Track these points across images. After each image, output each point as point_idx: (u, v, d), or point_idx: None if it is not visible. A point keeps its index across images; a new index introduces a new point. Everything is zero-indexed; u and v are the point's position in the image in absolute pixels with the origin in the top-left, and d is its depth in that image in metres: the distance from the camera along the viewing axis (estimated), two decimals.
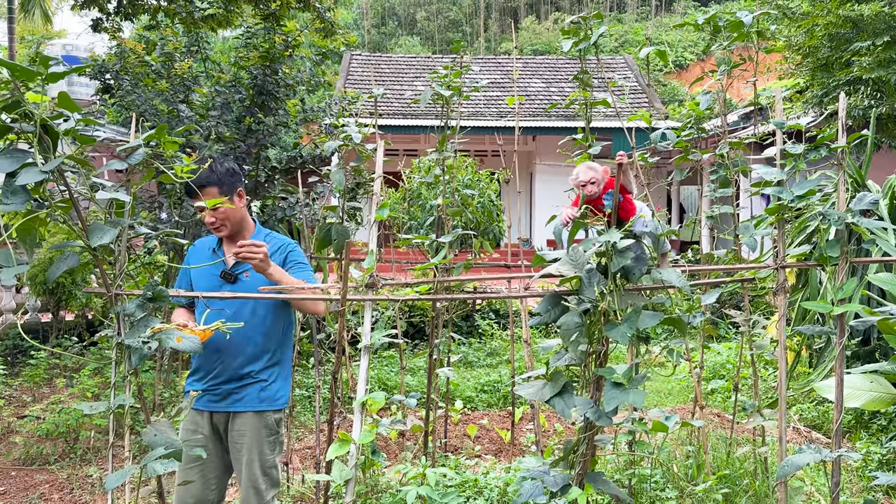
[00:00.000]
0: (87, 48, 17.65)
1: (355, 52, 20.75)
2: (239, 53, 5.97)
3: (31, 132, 2.03)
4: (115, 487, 2.17)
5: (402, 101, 17.88)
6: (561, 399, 2.34)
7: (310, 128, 7.22)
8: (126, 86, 5.76)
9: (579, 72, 3.91)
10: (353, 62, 19.93)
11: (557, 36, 35.11)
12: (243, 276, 2.85)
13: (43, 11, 18.99)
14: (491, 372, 7.02)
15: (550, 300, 2.32)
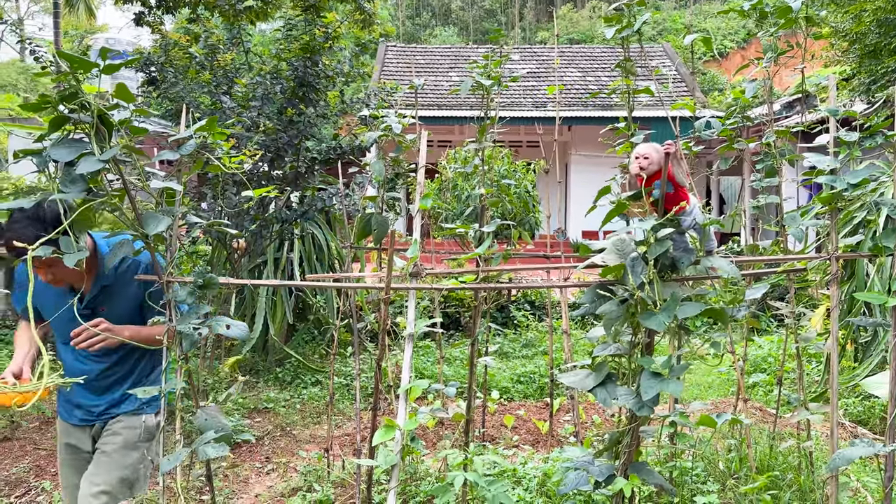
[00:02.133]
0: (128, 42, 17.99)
1: (390, 44, 20.78)
2: (280, 45, 6.03)
3: (89, 122, 2.08)
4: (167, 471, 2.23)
5: (436, 92, 17.87)
6: (603, 389, 2.34)
7: (348, 119, 7.27)
8: (170, 78, 5.87)
9: (622, 60, 3.86)
10: (389, 53, 19.97)
11: (595, 24, 34.71)
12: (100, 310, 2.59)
13: (87, 6, 19.40)
14: (527, 363, 7.01)
15: (595, 291, 2.31)
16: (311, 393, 6.32)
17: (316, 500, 4.01)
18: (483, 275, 2.97)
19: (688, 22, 32.46)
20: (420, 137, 2.94)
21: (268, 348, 7.05)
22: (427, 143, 4.49)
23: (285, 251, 6.99)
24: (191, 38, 6.44)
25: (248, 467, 4.79)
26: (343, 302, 4.65)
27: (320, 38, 5.69)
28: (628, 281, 2.22)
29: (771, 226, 4.60)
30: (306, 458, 4.84)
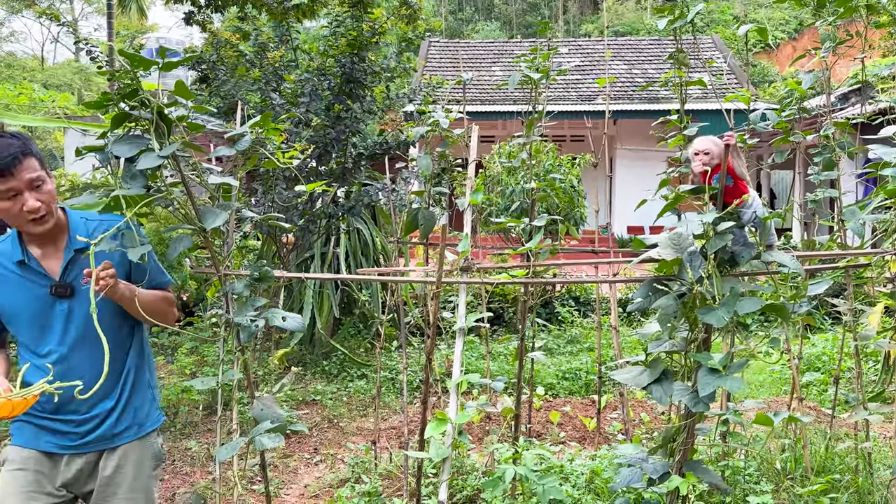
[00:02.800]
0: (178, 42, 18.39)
1: (433, 39, 20.80)
2: (327, 41, 6.08)
3: (149, 119, 2.13)
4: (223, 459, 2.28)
5: (479, 87, 17.82)
6: (659, 386, 2.30)
7: (391, 115, 7.31)
8: (221, 76, 5.98)
9: (674, 51, 3.79)
10: (432, 49, 19.99)
11: (641, 16, 34.17)
12: (80, 283, 2.12)
13: (139, 6, 19.90)
14: (572, 359, 6.96)
15: (649, 286, 2.28)
16: (357, 386, 6.39)
17: (364, 491, 4.05)
18: (532, 270, 2.95)
19: (738, 12, 31.71)
20: (472, 132, 2.93)
21: (314, 341, 7.14)
22: (481, 138, 4.49)
23: (331, 246, 7.06)
24: (241, 37, 6.55)
25: (297, 458, 4.87)
26: (392, 296, 4.68)
27: (367, 34, 5.72)
28: (685, 275, 2.18)
29: (826, 221, 4.47)
30: (354, 449, 4.89)
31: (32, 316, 2.14)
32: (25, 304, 2.14)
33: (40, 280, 2.14)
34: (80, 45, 5.33)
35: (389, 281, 4.31)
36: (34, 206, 2.04)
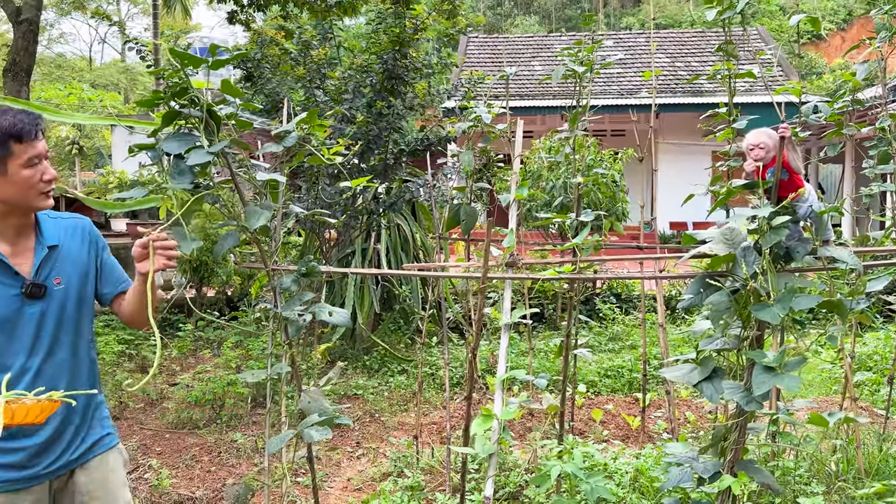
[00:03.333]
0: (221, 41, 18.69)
1: (472, 35, 20.74)
2: (370, 38, 6.12)
3: (198, 117, 2.16)
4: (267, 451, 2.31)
5: (517, 82, 17.72)
6: (710, 384, 2.26)
7: (429, 111, 7.30)
8: (266, 74, 6.07)
9: (722, 42, 3.72)
10: (470, 45, 19.94)
11: (682, 9, 33.58)
12: (53, 283, 1.98)
13: (183, 6, 20.29)
14: (614, 357, 6.89)
15: (701, 282, 2.23)
16: (397, 381, 6.42)
17: (407, 485, 4.07)
18: (577, 265, 2.92)
19: (786, 3, 30.93)
20: (517, 127, 2.91)
21: (356, 336, 7.20)
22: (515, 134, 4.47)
23: (372, 242, 7.11)
24: (285, 35, 6.63)
25: (340, 451, 4.92)
26: (432, 292, 4.69)
27: (410, 30, 5.74)
28: (739, 271, 2.13)
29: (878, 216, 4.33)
30: (395, 444, 4.92)
31: (2, 320, 1.89)
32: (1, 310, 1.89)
33: (11, 279, 1.91)
34: (130, 45, 5.45)
35: (432, 276, 4.31)
36: (54, 174, 1.95)
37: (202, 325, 7.69)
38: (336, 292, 7.12)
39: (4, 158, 1.83)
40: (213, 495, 4.14)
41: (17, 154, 1.83)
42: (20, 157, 1.83)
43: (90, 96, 22.62)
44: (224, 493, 4.08)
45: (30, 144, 1.85)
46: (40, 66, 28.72)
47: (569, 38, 20.16)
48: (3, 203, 1.89)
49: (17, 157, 1.83)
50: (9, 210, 1.91)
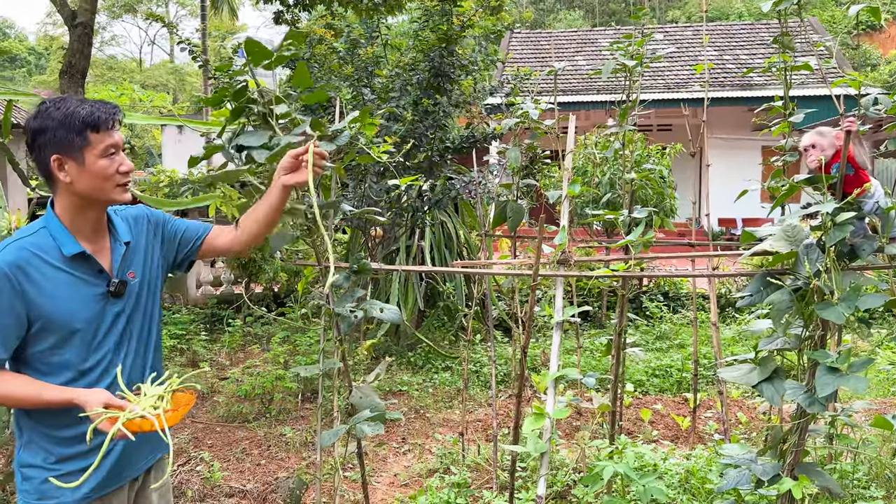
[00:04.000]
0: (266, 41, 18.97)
1: (515, 31, 20.62)
2: (417, 36, 6.13)
3: (262, 113, 2.19)
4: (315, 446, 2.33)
5: (562, 77, 17.55)
6: (770, 384, 2.20)
7: (472, 108, 7.28)
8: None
9: (778, 34, 3.61)
10: (513, 40, 19.83)
11: (730, 1, 32.82)
12: (129, 277, 1.91)
13: (230, 7, 20.65)
14: (662, 356, 6.78)
15: (761, 280, 2.17)
16: (442, 378, 6.43)
17: (453, 482, 4.08)
18: (627, 263, 2.88)
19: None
20: (568, 122, 2.88)
21: (400, 333, 7.24)
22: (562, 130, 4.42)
23: (416, 239, 7.14)
24: (334, 34, 6.69)
25: (387, 447, 4.95)
26: (476, 289, 4.68)
27: (456, 27, 5.73)
28: (801, 269, 2.07)
29: None
30: (441, 440, 4.93)
31: (87, 322, 1.80)
32: (82, 308, 1.80)
33: (95, 278, 1.83)
34: (182, 45, 5.57)
35: (480, 274, 4.30)
36: (131, 165, 1.85)
37: (250, 321, 7.82)
38: (381, 289, 7.17)
39: (81, 148, 1.76)
40: (264, 488, 4.21)
41: (93, 144, 1.77)
42: (97, 146, 1.77)
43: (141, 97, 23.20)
44: (278, 487, 4.14)
45: (107, 134, 1.78)
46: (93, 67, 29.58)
47: (614, 31, 19.88)
48: (80, 196, 1.80)
49: (93, 147, 1.77)
50: (86, 204, 1.82)
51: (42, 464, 1.80)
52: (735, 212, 14.72)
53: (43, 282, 1.75)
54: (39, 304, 1.73)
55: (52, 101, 1.79)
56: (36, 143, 1.77)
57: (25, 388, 1.73)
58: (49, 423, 1.80)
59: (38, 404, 1.74)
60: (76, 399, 1.70)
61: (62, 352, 1.78)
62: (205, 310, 8.60)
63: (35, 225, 1.82)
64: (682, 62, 17.40)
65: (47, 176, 1.80)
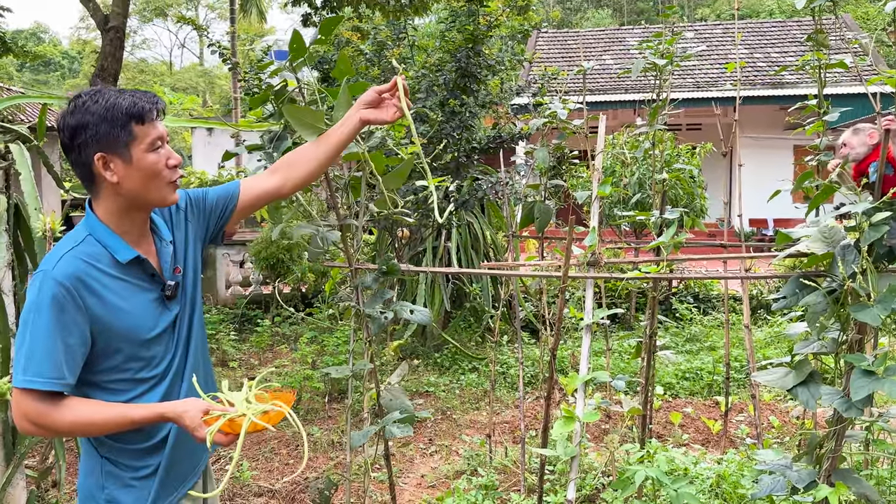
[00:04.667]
0: None
1: (541, 31, 20.54)
2: (443, 36, 6.14)
3: None
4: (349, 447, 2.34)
5: (589, 77, 17.44)
6: (805, 388, 2.16)
7: (497, 109, 7.26)
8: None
9: (813, 31, 3.54)
10: (540, 40, 19.75)
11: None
12: (177, 274, 1.79)
13: (259, 10, 20.87)
14: (692, 359, 6.69)
15: (796, 282, 2.13)
16: (468, 379, 6.42)
17: (481, 484, 4.07)
18: (659, 265, 2.85)
19: None
20: (599, 122, 2.86)
21: (426, 334, 7.25)
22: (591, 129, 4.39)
23: (443, 240, 7.14)
24: (360, 36, 6.73)
25: (413, 448, 4.95)
26: (504, 290, 4.67)
27: (483, 27, 5.72)
28: (836, 271, 2.03)
29: None
30: (468, 442, 4.92)
31: (151, 331, 1.69)
32: (145, 317, 1.68)
33: (149, 283, 1.71)
34: (213, 48, 5.64)
35: (508, 275, 4.29)
36: (179, 158, 1.71)
37: (279, 321, 7.89)
38: (407, 290, 7.19)
39: (128, 143, 1.60)
40: (293, 488, 4.24)
41: (139, 137, 1.61)
42: (143, 140, 1.61)
43: (171, 99, 23.53)
44: (307, 487, 4.16)
45: (151, 125, 1.63)
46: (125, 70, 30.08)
47: (642, 30, 19.71)
48: (128, 197, 1.65)
49: (140, 141, 1.61)
50: (134, 205, 1.67)
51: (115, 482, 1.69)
52: (766, 212, 14.50)
53: (104, 293, 1.60)
54: (103, 317, 1.59)
55: (87, 94, 1.61)
56: (75, 141, 1.59)
57: (106, 411, 1.58)
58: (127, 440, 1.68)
59: (124, 426, 1.59)
60: (168, 414, 1.58)
61: (131, 365, 1.66)
62: (234, 310, 8.69)
63: (79, 232, 1.66)
64: (711, 60, 17.19)
65: (89, 177, 1.63)
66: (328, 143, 1.92)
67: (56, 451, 3.10)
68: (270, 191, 1.93)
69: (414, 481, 4.42)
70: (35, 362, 1.52)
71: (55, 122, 1.64)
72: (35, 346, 1.52)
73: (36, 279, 1.57)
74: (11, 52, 11.17)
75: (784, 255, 2.14)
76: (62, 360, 1.53)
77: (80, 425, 1.57)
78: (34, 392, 1.52)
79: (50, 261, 1.59)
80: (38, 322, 1.53)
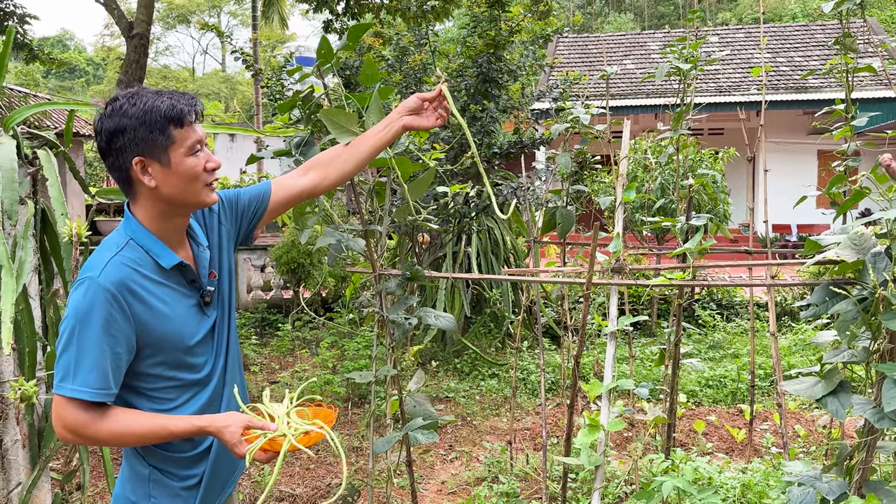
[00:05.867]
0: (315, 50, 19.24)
1: (562, 35, 20.49)
2: (465, 42, 6.15)
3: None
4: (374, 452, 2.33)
5: (610, 82, 17.37)
6: (835, 398, 2.12)
7: (517, 113, 7.25)
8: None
9: (840, 35, 3.49)
10: (560, 45, 19.71)
11: (783, 2, 32.04)
12: (212, 279, 1.75)
13: (280, 16, 21.04)
14: (715, 366, 6.62)
15: (826, 290, 2.09)
16: (488, 385, 6.40)
17: (502, 492, 4.04)
18: (685, 271, 2.81)
19: None
20: (623, 127, 2.83)
21: (446, 339, 7.23)
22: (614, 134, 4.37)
23: (463, 245, 7.13)
24: (383, 42, 6.76)
25: (433, 454, 4.93)
26: (525, 296, 4.64)
27: (505, 33, 5.72)
28: (867, 279, 1.99)
29: None
30: (489, 448, 4.90)
31: (193, 337, 1.65)
32: (188, 323, 1.64)
33: (188, 289, 1.67)
34: (235, 55, 5.69)
35: (530, 282, 4.27)
36: (219, 161, 1.66)
37: (299, 326, 7.92)
38: (427, 295, 7.18)
39: (166, 147, 1.56)
40: (313, 493, 4.24)
41: (178, 141, 1.56)
42: (182, 143, 1.57)
43: None
44: (329, 492, 4.17)
45: (190, 128, 1.58)
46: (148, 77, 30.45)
47: (663, 35, 19.59)
48: (166, 201, 1.61)
49: (179, 145, 1.56)
50: (173, 209, 1.63)
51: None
52: (790, 218, 14.32)
53: (149, 299, 1.56)
54: (149, 324, 1.55)
55: (124, 97, 1.57)
56: (112, 145, 1.55)
57: (146, 423, 1.55)
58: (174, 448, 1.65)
59: (163, 438, 1.56)
60: (209, 428, 1.54)
61: (175, 373, 1.62)
62: (255, 314, 8.74)
63: (120, 236, 1.61)
64: (734, 65, 17.04)
65: (127, 181, 1.60)
66: (367, 145, 1.91)
67: (80, 455, 3.12)
68: (306, 189, 1.90)
69: (434, 487, 4.41)
70: (82, 371, 1.48)
71: (93, 125, 1.60)
72: (82, 355, 1.48)
73: (81, 285, 1.51)
74: (38, 59, 11.35)
75: (813, 262, 2.10)
76: (109, 371, 1.50)
77: (120, 436, 1.53)
78: (78, 401, 1.48)
79: (95, 266, 1.53)
80: (85, 330, 1.48)
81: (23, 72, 27.41)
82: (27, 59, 11.28)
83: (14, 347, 2.55)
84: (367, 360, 6.50)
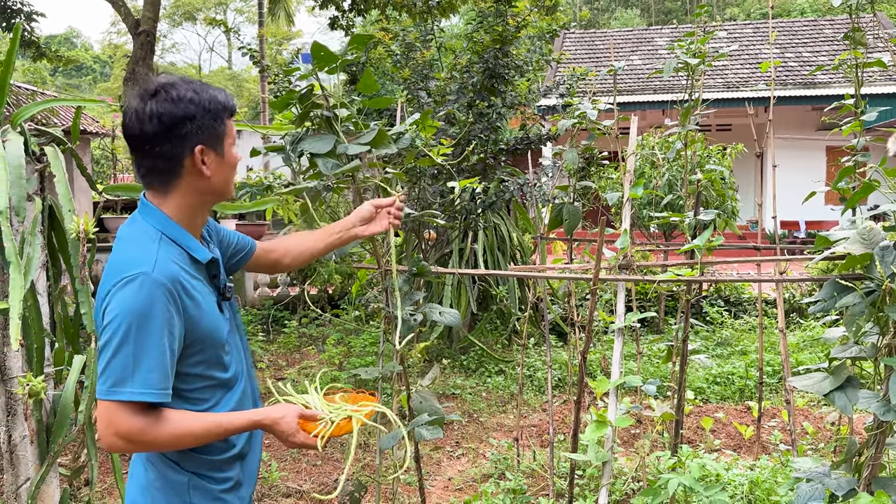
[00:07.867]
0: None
1: (568, 31, 20.42)
2: (471, 38, 6.14)
3: (327, 117, 2.21)
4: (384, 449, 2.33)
5: (617, 78, 17.32)
6: (843, 393, 2.11)
7: (522, 109, 7.23)
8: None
9: (850, 30, 3.47)
10: (566, 41, 19.65)
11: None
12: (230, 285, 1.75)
13: (287, 13, 21.06)
14: (723, 363, 6.59)
15: (834, 285, 2.08)
16: (495, 382, 6.40)
17: (509, 488, 4.04)
18: (694, 267, 2.80)
19: None
20: (631, 123, 2.82)
21: (452, 336, 7.23)
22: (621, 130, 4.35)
23: (469, 241, 7.12)
24: (391, 37, 6.76)
25: (440, 450, 4.94)
26: (532, 293, 4.64)
27: (512, 28, 5.70)
28: (875, 272, 1.98)
29: None
30: (495, 445, 4.90)
31: (223, 332, 1.61)
32: (219, 318, 1.60)
33: (210, 286, 1.62)
34: (243, 51, 5.69)
35: (537, 278, 4.26)
36: (239, 155, 1.66)
37: (306, 322, 7.93)
38: (433, 292, 7.18)
39: (222, 138, 1.56)
40: (320, 489, 4.25)
41: (229, 132, 1.58)
42: (231, 134, 1.58)
43: None
44: (340, 489, 4.17)
45: (232, 120, 1.60)
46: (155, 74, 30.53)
47: (670, 30, 19.51)
48: (210, 192, 1.59)
49: (229, 136, 1.58)
50: (208, 201, 1.62)
51: None
52: (798, 214, 14.26)
53: (195, 294, 1.52)
54: (196, 320, 1.50)
55: (182, 85, 1.52)
56: (175, 132, 1.48)
57: (202, 422, 1.49)
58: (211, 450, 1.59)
59: (219, 436, 1.52)
60: (264, 420, 1.54)
61: (210, 372, 1.57)
62: (262, 311, 8.77)
63: (149, 230, 1.54)
64: (741, 60, 16.96)
65: (172, 170, 1.53)
66: (323, 244, 1.99)
67: (89, 451, 3.13)
68: (270, 263, 1.96)
69: (441, 484, 4.41)
70: (142, 372, 1.40)
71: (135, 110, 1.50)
72: (142, 354, 1.40)
73: (133, 281, 1.42)
74: (45, 57, 11.40)
75: (822, 257, 2.09)
76: (168, 369, 1.44)
77: (179, 438, 1.47)
78: (134, 406, 1.40)
79: (144, 261, 1.45)
80: (144, 328, 1.40)
81: (30, 69, 27.53)
82: (34, 56, 11.32)
83: (22, 344, 2.55)
84: (374, 356, 6.52)
